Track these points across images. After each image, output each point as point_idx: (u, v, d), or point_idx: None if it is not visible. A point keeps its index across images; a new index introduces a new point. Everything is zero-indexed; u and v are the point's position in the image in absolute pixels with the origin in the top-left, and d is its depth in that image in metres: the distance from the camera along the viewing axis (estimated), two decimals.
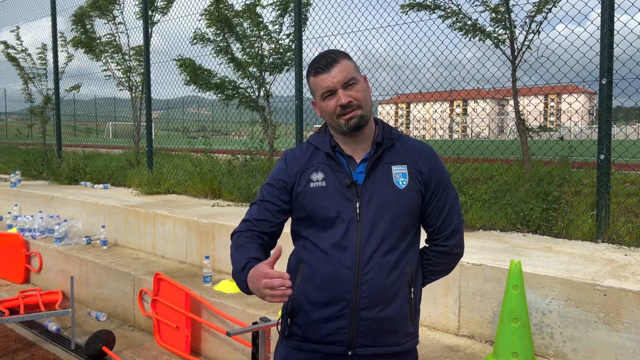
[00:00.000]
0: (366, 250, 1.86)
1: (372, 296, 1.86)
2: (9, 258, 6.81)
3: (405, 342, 1.95)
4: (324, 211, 1.90)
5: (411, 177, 1.94)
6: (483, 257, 3.69)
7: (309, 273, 1.92)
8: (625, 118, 7.50)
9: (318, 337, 1.91)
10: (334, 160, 1.95)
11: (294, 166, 1.99)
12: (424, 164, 1.98)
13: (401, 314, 1.91)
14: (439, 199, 1.99)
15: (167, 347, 4.62)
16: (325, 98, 1.91)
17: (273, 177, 2.04)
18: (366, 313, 1.86)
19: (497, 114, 16.27)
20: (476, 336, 3.59)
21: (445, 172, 2.03)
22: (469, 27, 5.69)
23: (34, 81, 12.65)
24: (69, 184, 9.51)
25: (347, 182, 1.91)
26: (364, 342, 1.88)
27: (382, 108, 12.42)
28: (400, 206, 1.91)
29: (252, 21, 7.85)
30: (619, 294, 3.01)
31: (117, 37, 10.31)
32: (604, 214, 4.20)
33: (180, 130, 17.73)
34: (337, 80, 1.88)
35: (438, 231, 2.03)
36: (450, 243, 2.03)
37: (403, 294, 1.91)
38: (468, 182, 5.79)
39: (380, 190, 1.91)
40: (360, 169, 1.94)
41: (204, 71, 8.22)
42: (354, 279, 1.85)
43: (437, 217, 2.01)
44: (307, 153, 2.01)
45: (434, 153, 2.03)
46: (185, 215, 5.79)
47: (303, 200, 1.95)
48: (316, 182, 1.93)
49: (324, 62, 1.90)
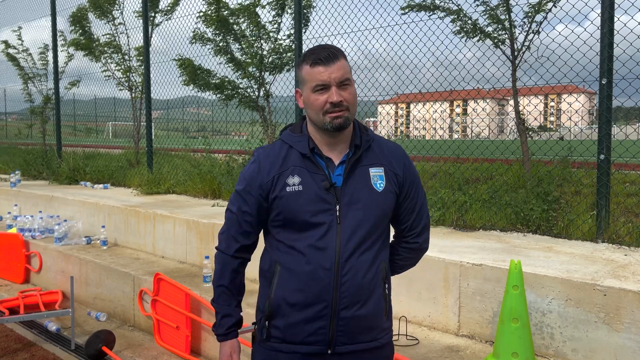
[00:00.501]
0: (345, 252, 1.88)
1: (350, 296, 1.88)
2: (9, 258, 6.81)
3: (381, 337, 1.99)
4: (301, 215, 1.89)
5: (388, 179, 1.97)
6: (483, 257, 3.69)
7: (286, 275, 1.92)
8: (625, 118, 7.50)
9: (299, 338, 1.92)
10: (311, 161, 1.93)
11: (270, 170, 1.94)
12: (399, 166, 2.01)
13: (377, 311, 1.95)
14: (411, 199, 2.04)
15: (167, 347, 4.62)
16: (316, 91, 1.88)
17: (249, 183, 1.98)
18: (345, 312, 1.89)
19: (497, 114, 16.27)
20: (476, 336, 3.59)
21: (416, 172, 2.09)
22: (469, 27, 5.69)
23: (34, 81, 12.65)
24: (69, 184, 9.50)
25: (326, 185, 1.89)
26: (343, 340, 1.91)
27: (382, 108, 12.42)
28: (379, 208, 1.94)
29: (251, 21, 7.85)
30: (619, 294, 3.02)
31: (117, 37, 10.31)
32: (604, 214, 4.20)
33: (180, 130, 17.74)
34: (334, 77, 1.86)
35: (410, 229, 2.08)
36: (420, 239, 2.11)
37: (378, 291, 1.95)
38: (468, 182, 5.79)
39: (360, 193, 1.92)
40: (339, 171, 1.93)
41: (203, 71, 8.22)
42: (334, 280, 1.87)
43: (409, 215, 2.06)
44: (282, 153, 1.96)
45: (405, 154, 2.08)
46: (185, 215, 5.79)
47: (279, 205, 1.92)
48: (292, 186, 1.90)
49: (325, 55, 1.86)
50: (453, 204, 4.98)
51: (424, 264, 3.81)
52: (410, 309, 3.88)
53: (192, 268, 5.45)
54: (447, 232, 4.73)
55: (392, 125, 13.41)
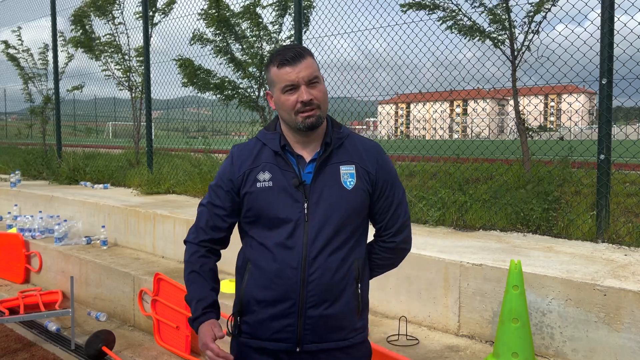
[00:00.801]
0: (312, 250, 1.88)
1: (318, 295, 1.88)
2: (9, 258, 6.81)
3: (352, 337, 1.98)
4: (270, 211, 1.90)
5: (359, 177, 1.96)
6: (483, 257, 3.69)
7: (256, 272, 1.93)
8: (625, 118, 7.50)
9: (266, 334, 1.93)
10: (282, 159, 1.94)
11: (241, 165, 1.98)
12: (371, 163, 1.99)
13: (347, 310, 1.94)
14: (386, 197, 2.02)
15: (167, 347, 4.62)
16: (286, 92, 1.89)
17: (221, 177, 2.02)
18: (312, 311, 1.89)
19: (497, 114, 16.27)
20: (476, 336, 3.59)
21: (392, 170, 2.06)
22: (468, 27, 5.69)
23: (34, 81, 12.65)
24: (69, 184, 9.50)
25: (296, 183, 1.91)
26: (311, 339, 1.91)
27: (382, 108, 12.42)
28: (348, 207, 1.93)
29: (251, 21, 7.85)
30: (619, 294, 3.01)
31: (117, 37, 10.31)
32: (604, 214, 4.20)
33: (180, 130, 17.74)
34: (302, 76, 1.87)
35: (385, 228, 2.06)
36: (397, 239, 2.07)
37: (350, 290, 1.94)
38: (468, 182, 5.79)
39: (329, 191, 1.92)
40: (309, 169, 1.94)
41: (203, 71, 8.21)
42: (300, 278, 1.87)
43: (385, 214, 2.03)
44: (255, 150, 1.99)
45: (381, 151, 2.05)
46: (185, 215, 5.79)
47: (249, 201, 1.94)
48: (262, 182, 1.92)
49: (291, 55, 1.88)
50: (453, 204, 4.97)
51: (424, 263, 3.82)
52: (410, 309, 3.88)
53: None
54: (447, 232, 4.73)
55: (392, 125, 13.41)
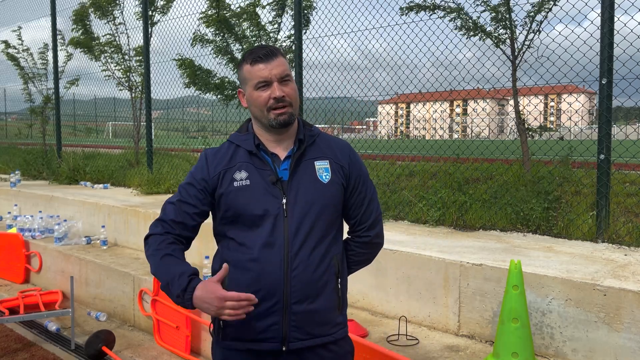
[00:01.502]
0: (294, 245, 1.89)
1: (301, 290, 1.90)
2: (9, 258, 6.81)
3: (335, 332, 2.00)
4: (250, 209, 1.91)
5: (333, 171, 2.00)
6: (483, 257, 3.69)
7: (236, 273, 1.90)
8: (625, 118, 7.50)
9: (251, 335, 1.93)
10: (257, 158, 1.97)
11: (216, 166, 1.97)
12: (344, 159, 2.04)
13: (330, 305, 1.96)
14: (359, 192, 2.06)
15: (167, 347, 4.62)
16: (258, 88, 1.92)
17: (193, 176, 1.99)
18: (297, 307, 1.90)
19: (497, 114, 16.27)
20: (476, 336, 3.59)
21: (362, 166, 2.11)
22: (470, 25, 5.68)
23: (34, 81, 12.65)
24: (69, 184, 9.50)
25: (273, 179, 1.93)
26: (297, 336, 1.91)
27: (382, 108, 12.42)
28: (326, 200, 1.96)
29: (251, 21, 7.85)
30: (619, 294, 3.01)
31: (117, 37, 10.31)
32: (604, 214, 4.20)
33: (180, 130, 17.74)
34: (274, 73, 1.90)
35: (359, 222, 2.09)
36: (371, 233, 2.10)
37: (331, 285, 1.96)
38: (468, 182, 5.79)
39: (306, 186, 1.94)
40: (285, 166, 1.97)
41: (203, 71, 8.21)
42: (284, 274, 1.88)
43: (359, 209, 2.07)
44: (229, 152, 2.00)
45: (351, 148, 2.11)
46: None
47: (227, 200, 1.93)
48: (240, 180, 1.93)
49: (264, 53, 1.92)
50: (453, 204, 4.97)
51: (424, 263, 3.82)
52: (410, 308, 3.88)
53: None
54: (447, 232, 4.73)
55: (392, 125, 13.41)
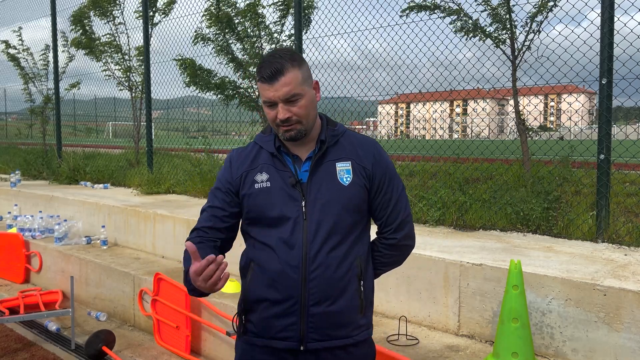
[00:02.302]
0: (312, 247, 1.89)
1: (320, 292, 1.89)
2: (9, 258, 6.81)
3: (356, 334, 1.98)
4: (269, 212, 1.93)
5: (355, 173, 1.96)
6: (483, 257, 3.69)
7: (259, 271, 1.95)
8: (625, 118, 7.50)
9: (270, 333, 1.95)
10: (278, 159, 1.97)
11: (239, 168, 2.01)
12: (367, 159, 1.99)
13: (350, 307, 1.95)
14: (384, 193, 2.01)
15: (167, 347, 4.62)
16: (266, 106, 1.91)
17: (219, 180, 2.06)
18: (315, 309, 1.90)
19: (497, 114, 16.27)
20: (476, 336, 3.59)
21: (389, 166, 2.04)
22: (470, 26, 5.68)
23: (34, 81, 12.65)
24: (69, 184, 9.50)
25: (292, 182, 1.93)
26: (314, 337, 1.91)
27: (382, 108, 12.42)
28: (345, 203, 1.94)
29: (252, 21, 7.84)
30: (619, 294, 3.02)
31: (117, 37, 10.31)
32: (604, 214, 4.20)
33: (180, 130, 17.74)
34: (278, 95, 1.86)
35: (385, 224, 2.06)
36: (398, 235, 2.06)
37: (352, 287, 1.94)
38: (468, 182, 5.79)
39: (325, 188, 1.93)
40: (306, 168, 1.96)
41: (204, 71, 8.21)
42: (301, 276, 1.88)
43: (384, 210, 2.03)
44: (252, 153, 2.03)
45: (377, 147, 2.05)
46: (185, 215, 5.79)
47: (249, 202, 1.97)
48: (260, 183, 1.95)
49: (269, 72, 1.85)
50: (453, 204, 4.97)
51: (424, 263, 3.82)
52: (410, 308, 3.88)
53: None
54: (447, 232, 4.73)
55: (392, 125, 13.41)
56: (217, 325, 4.28)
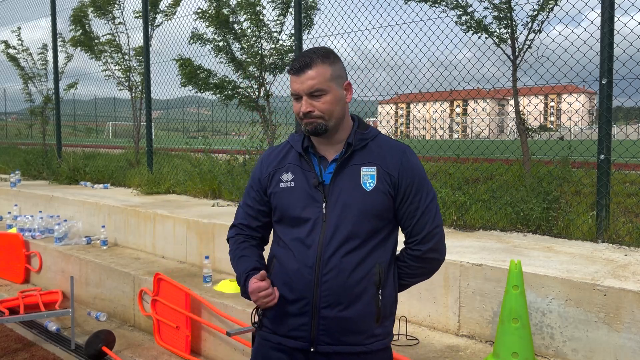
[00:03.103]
0: (327, 250, 1.88)
1: (332, 295, 1.88)
2: (9, 258, 6.81)
3: (370, 343, 1.94)
4: (291, 211, 1.96)
5: (379, 179, 1.92)
6: (483, 257, 3.69)
7: (279, 269, 1.99)
8: (625, 118, 7.50)
9: (283, 330, 1.97)
10: (305, 160, 1.99)
11: (268, 166, 2.07)
12: (394, 166, 1.94)
13: (365, 315, 1.91)
14: (410, 202, 1.95)
15: (167, 347, 4.62)
16: (294, 99, 1.96)
17: (252, 178, 2.14)
18: (327, 312, 1.89)
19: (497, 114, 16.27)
20: (476, 336, 3.59)
21: (418, 175, 1.96)
22: (473, 22, 5.67)
23: (34, 81, 12.64)
24: (69, 184, 9.50)
25: (315, 182, 1.94)
26: (325, 340, 1.91)
27: (382, 108, 12.42)
28: (366, 208, 1.90)
29: (251, 20, 7.83)
30: (619, 294, 3.01)
31: (117, 37, 10.31)
32: (604, 214, 4.20)
33: (180, 130, 17.74)
34: (303, 88, 1.89)
35: (411, 234, 1.99)
36: (423, 247, 1.97)
37: (368, 295, 1.90)
38: (468, 182, 5.79)
39: (347, 192, 1.92)
40: (331, 169, 1.96)
41: (203, 71, 8.20)
42: (315, 278, 1.89)
43: (410, 220, 1.96)
44: (283, 152, 2.07)
45: (407, 154, 1.98)
46: (185, 215, 5.79)
47: (274, 200, 2.02)
48: (285, 182, 1.99)
49: (297, 65, 1.90)
50: (453, 204, 4.97)
51: None
52: (410, 309, 3.88)
53: (192, 268, 5.45)
54: (447, 232, 4.72)
55: (392, 125, 13.41)
56: (217, 325, 4.28)
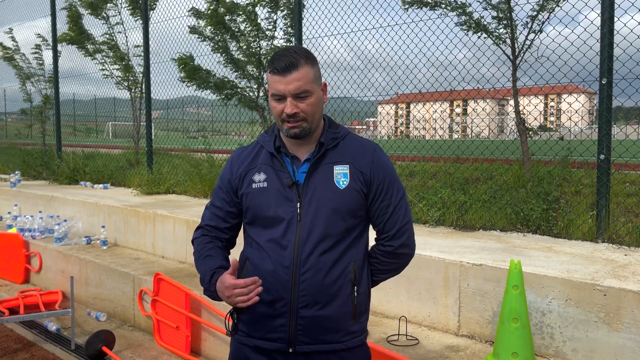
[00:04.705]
0: (304, 249, 1.88)
1: (310, 295, 1.88)
2: (9, 258, 6.81)
3: (347, 340, 1.96)
4: (265, 211, 1.93)
5: (352, 177, 1.94)
6: (483, 257, 3.69)
7: (252, 271, 1.94)
8: (625, 118, 7.51)
9: (260, 333, 1.95)
10: (277, 160, 1.97)
11: (239, 167, 2.03)
12: (365, 164, 1.96)
13: (342, 313, 1.93)
14: (382, 200, 1.97)
15: (167, 347, 4.62)
16: (274, 99, 1.90)
17: (221, 179, 2.09)
18: (305, 311, 1.89)
19: (497, 114, 16.27)
20: (476, 336, 3.59)
21: (389, 172, 1.99)
22: (471, 23, 5.67)
23: (32, 81, 12.64)
24: (69, 184, 9.50)
25: (289, 182, 1.93)
26: (303, 340, 1.90)
27: (382, 108, 12.43)
28: (339, 206, 1.92)
29: (250, 22, 7.83)
30: (619, 294, 3.01)
31: (114, 36, 10.29)
32: (604, 214, 4.20)
33: (180, 130, 17.74)
34: (289, 89, 1.85)
35: (383, 231, 2.02)
36: (395, 243, 2.01)
37: (344, 292, 1.92)
38: (468, 182, 5.79)
39: (321, 190, 1.92)
40: (304, 169, 1.95)
41: (202, 71, 8.20)
42: (292, 278, 1.88)
43: (382, 216, 1.99)
44: (253, 152, 2.05)
45: (378, 152, 2.00)
46: (185, 215, 5.79)
47: (246, 201, 1.99)
48: (258, 182, 1.96)
49: (282, 65, 1.85)
50: (453, 204, 4.97)
51: (424, 263, 3.82)
52: (410, 309, 3.88)
53: (192, 268, 5.45)
54: (447, 232, 4.73)
55: (392, 125, 13.42)
56: (217, 326, 4.28)
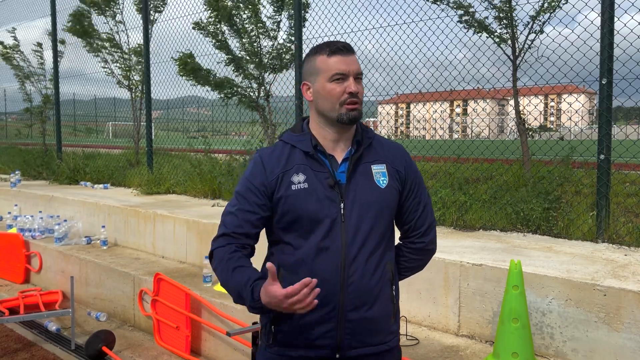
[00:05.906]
0: (351, 251, 1.84)
1: (358, 297, 1.85)
2: (9, 258, 6.81)
3: (389, 340, 1.95)
4: (308, 213, 1.84)
5: (390, 176, 1.94)
6: (483, 257, 3.69)
7: (290, 278, 1.81)
8: (625, 118, 7.51)
9: (304, 342, 1.87)
10: (314, 160, 1.89)
11: (273, 169, 1.89)
12: (400, 163, 1.99)
13: (385, 313, 1.92)
14: (414, 197, 2.01)
15: (167, 347, 4.62)
16: (334, 80, 1.84)
17: (250, 181, 1.91)
18: (353, 314, 1.85)
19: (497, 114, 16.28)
20: (476, 336, 3.59)
21: (418, 171, 2.05)
22: (473, 21, 5.67)
23: (32, 81, 12.63)
24: (69, 184, 9.50)
25: (331, 182, 1.86)
26: (350, 344, 1.87)
27: (382, 108, 12.42)
28: (382, 205, 1.91)
29: (253, 19, 7.83)
30: (619, 294, 3.01)
31: (117, 34, 10.29)
32: (604, 214, 4.20)
33: (180, 130, 17.73)
34: (352, 69, 1.86)
35: (414, 228, 2.03)
36: (426, 239, 2.05)
37: (386, 292, 1.91)
38: (468, 182, 5.79)
39: (363, 190, 1.89)
40: (342, 169, 1.91)
41: (202, 70, 8.20)
42: (340, 280, 1.83)
43: (414, 213, 2.02)
44: (285, 153, 1.92)
45: (406, 152, 2.05)
46: (185, 215, 5.79)
47: (285, 204, 1.86)
48: (298, 184, 1.86)
49: (342, 45, 1.87)
50: (453, 204, 4.97)
51: None
52: (410, 309, 3.88)
53: (192, 268, 5.45)
54: (447, 232, 4.73)
55: (392, 125, 13.42)
56: (217, 326, 4.28)
